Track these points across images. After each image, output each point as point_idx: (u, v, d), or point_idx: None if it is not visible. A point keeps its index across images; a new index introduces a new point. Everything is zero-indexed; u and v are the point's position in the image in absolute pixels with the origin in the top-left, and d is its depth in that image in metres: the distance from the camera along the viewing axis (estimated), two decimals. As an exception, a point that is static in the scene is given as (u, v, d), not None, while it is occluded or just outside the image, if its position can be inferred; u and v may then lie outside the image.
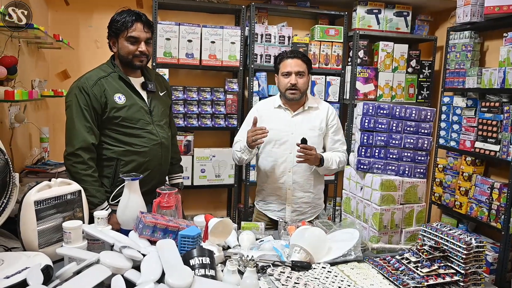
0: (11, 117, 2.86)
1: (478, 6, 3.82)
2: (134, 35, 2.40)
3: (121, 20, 2.40)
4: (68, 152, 2.34)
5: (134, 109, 2.45)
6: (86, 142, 2.33)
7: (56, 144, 3.95)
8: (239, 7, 4.21)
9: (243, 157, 2.79)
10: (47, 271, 1.60)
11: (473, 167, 3.89)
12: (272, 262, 1.93)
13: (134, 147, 2.45)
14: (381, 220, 2.27)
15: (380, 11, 4.49)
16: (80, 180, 2.26)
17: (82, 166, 2.33)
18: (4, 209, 1.90)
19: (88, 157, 2.34)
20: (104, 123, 2.42)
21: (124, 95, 2.44)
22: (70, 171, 2.35)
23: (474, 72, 3.86)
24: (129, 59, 2.45)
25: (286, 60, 2.82)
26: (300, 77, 2.78)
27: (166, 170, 2.71)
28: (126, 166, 2.45)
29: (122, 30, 2.40)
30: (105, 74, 2.45)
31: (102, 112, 2.39)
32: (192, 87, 4.21)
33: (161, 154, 2.57)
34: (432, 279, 1.82)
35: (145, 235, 1.91)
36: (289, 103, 2.88)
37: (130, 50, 2.42)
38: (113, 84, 2.43)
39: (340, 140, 2.95)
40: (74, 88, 2.39)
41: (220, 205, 4.78)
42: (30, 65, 3.39)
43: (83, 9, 4.12)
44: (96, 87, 2.37)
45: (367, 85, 4.51)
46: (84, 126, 2.34)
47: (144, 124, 2.48)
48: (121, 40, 2.43)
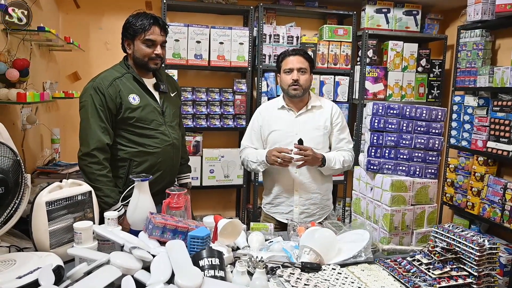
0: (23, 119, 2.88)
1: (489, 4, 3.79)
2: (151, 38, 2.42)
3: (139, 23, 2.40)
4: (83, 152, 2.35)
5: (148, 110, 2.46)
6: (101, 143, 2.34)
7: (67, 145, 3.97)
8: (248, 8, 4.22)
9: (258, 169, 2.82)
10: (58, 271, 1.61)
11: (485, 167, 3.85)
12: (282, 263, 1.93)
13: (147, 148, 2.46)
14: (392, 221, 2.25)
15: (389, 10, 4.48)
16: (95, 180, 2.29)
17: (97, 166, 2.34)
18: (16, 210, 1.92)
19: (103, 157, 2.35)
20: (118, 123, 2.43)
21: (138, 96, 2.45)
22: (85, 171, 2.36)
23: (486, 70, 3.83)
24: (145, 61, 2.46)
25: (288, 57, 2.82)
26: (302, 74, 2.78)
27: (176, 170, 2.73)
28: (139, 167, 2.47)
29: (139, 33, 2.41)
30: (120, 74, 2.46)
31: (117, 112, 2.40)
32: (201, 88, 4.22)
33: (173, 154, 2.58)
34: (444, 281, 1.80)
35: (155, 235, 1.92)
36: (293, 103, 2.87)
37: (146, 53, 2.44)
38: (127, 84, 2.44)
39: (345, 138, 2.92)
40: (89, 88, 2.40)
41: (229, 206, 4.79)
42: (42, 67, 3.41)
43: (93, 12, 4.15)
44: (111, 88, 2.38)
45: (377, 85, 4.49)
46: (99, 126, 2.35)
47: (157, 125, 2.49)
48: (137, 43, 2.44)
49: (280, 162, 2.63)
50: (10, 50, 2.56)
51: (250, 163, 2.85)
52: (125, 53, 2.55)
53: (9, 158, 1.86)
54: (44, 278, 1.54)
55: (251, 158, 2.84)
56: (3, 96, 2.30)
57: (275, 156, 2.64)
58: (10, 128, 2.10)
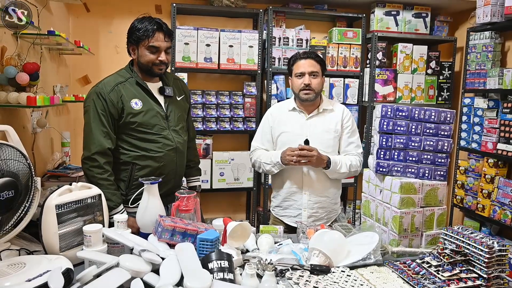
0: (33, 122, 2.90)
1: (499, 6, 3.77)
2: (155, 44, 2.42)
3: (143, 29, 2.40)
4: (85, 156, 2.38)
5: (150, 115, 2.47)
6: (102, 147, 2.37)
7: (77, 148, 3.99)
8: (257, 11, 4.22)
9: (273, 170, 2.83)
10: (67, 274, 1.62)
11: (495, 169, 3.83)
12: (291, 265, 1.93)
13: (149, 152, 2.48)
14: (401, 223, 2.24)
15: (399, 12, 4.47)
16: (96, 184, 2.29)
17: (98, 170, 2.36)
18: (27, 213, 1.94)
19: (104, 161, 2.38)
20: (120, 128, 2.45)
21: (141, 101, 2.46)
22: (87, 174, 2.40)
23: (495, 72, 3.81)
24: (149, 67, 2.47)
25: (299, 61, 2.81)
26: (314, 77, 2.77)
27: (181, 173, 2.72)
28: (141, 171, 2.48)
29: (143, 39, 2.41)
30: (123, 79, 2.47)
31: (119, 117, 2.42)
32: (211, 91, 4.23)
33: (176, 159, 2.58)
34: (453, 283, 1.79)
35: (164, 238, 1.93)
36: (304, 105, 2.87)
37: (150, 59, 2.44)
38: (130, 89, 2.46)
39: (354, 142, 2.89)
40: (92, 93, 2.43)
41: (239, 209, 4.79)
42: (52, 71, 3.44)
43: (103, 15, 4.18)
44: (113, 93, 2.40)
45: (386, 87, 4.48)
46: (100, 131, 2.37)
47: (159, 129, 2.50)
48: (141, 48, 2.44)
49: (295, 161, 2.64)
50: (20, 54, 2.58)
51: (264, 164, 2.85)
52: (130, 57, 2.57)
53: (19, 161, 1.88)
54: (54, 281, 1.55)
55: (264, 159, 2.84)
56: (14, 99, 2.32)
57: (289, 156, 2.65)
58: (20, 132, 2.12)
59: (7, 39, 2.50)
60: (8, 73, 2.35)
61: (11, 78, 2.38)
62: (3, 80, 2.38)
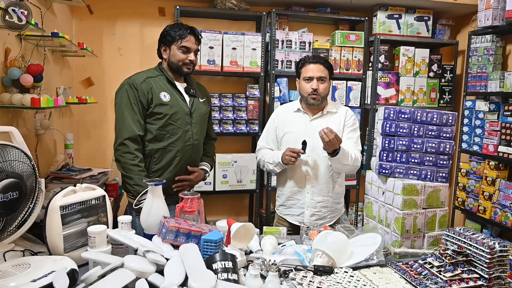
0: (36, 124, 2.91)
1: (500, 10, 3.79)
2: (187, 45, 2.64)
3: (178, 31, 2.63)
4: (118, 143, 2.55)
5: (176, 108, 2.65)
6: (133, 133, 2.54)
7: (80, 150, 4.01)
8: (260, 14, 4.23)
9: (275, 170, 2.87)
10: (72, 275, 1.63)
11: (496, 172, 3.83)
12: (294, 266, 1.93)
13: (169, 145, 2.64)
14: (404, 224, 2.25)
15: (401, 16, 4.48)
16: (128, 170, 2.50)
17: (130, 155, 2.52)
18: (31, 214, 1.95)
19: (134, 148, 2.54)
20: (147, 117, 2.61)
21: (169, 95, 2.65)
22: (120, 161, 2.56)
23: (497, 75, 3.82)
24: (179, 66, 2.68)
25: (308, 65, 2.83)
26: (322, 83, 2.79)
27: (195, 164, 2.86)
28: (159, 163, 2.64)
29: (176, 39, 2.64)
30: (153, 75, 2.68)
31: (148, 107, 2.60)
32: (214, 93, 4.24)
33: (191, 154, 2.73)
34: (455, 283, 1.80)
35: (168, 239, 1.94)
36: (309, 108, 2.89)
37: (181, 58, 2.65)
38: (159, 83, 2.66)
39: (353, 138, 2.88)
40: (125, 84, 2.62)
41: (242, 211, 4.80)
42: (55, 72, 3.45)
43: (106, 18, 4.19)
44: (144, 84, 2.60)
45: (388, 90, 4.49)
46: (132, 118, 2.56)
47: (183, 123, 2.66)
48: (173, 48, 2.66)
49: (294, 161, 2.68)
50: (24, 56, 2.60)
51: (267, 164, 2.89)
52: (160, 58, 2.78)
53: (23, 163, 1.89)
54: (59, 281, 1.56)
55: (268, 159, 2.89)
56: (17, 101, 2.33)
57: (288, 156, 2.68)
58: (24, 133, 2.12)
59: (11, 40, 2.51)
60: (12, 75, 2.37)
61: (15, 80, 2.39)
62: (7, 82, 2.39)
